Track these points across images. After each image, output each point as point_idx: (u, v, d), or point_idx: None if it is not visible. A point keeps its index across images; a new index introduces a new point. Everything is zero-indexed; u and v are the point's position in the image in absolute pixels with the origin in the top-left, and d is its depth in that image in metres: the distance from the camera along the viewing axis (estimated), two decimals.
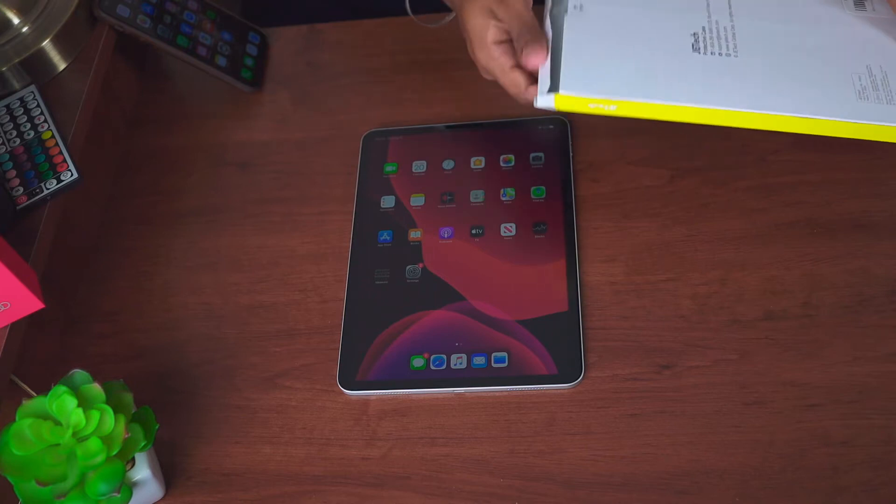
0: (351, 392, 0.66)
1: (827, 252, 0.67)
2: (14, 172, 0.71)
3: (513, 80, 0.67)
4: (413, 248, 0.72)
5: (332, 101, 0.82)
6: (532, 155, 0.75)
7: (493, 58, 0.68)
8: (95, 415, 0.59)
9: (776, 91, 0.61)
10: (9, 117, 0.74)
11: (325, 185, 0.77)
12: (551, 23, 0.66)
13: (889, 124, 0.59)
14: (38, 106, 0.74)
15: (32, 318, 0.63)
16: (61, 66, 0.77)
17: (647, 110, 0.61)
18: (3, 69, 0.74)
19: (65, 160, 0.71)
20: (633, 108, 0.61)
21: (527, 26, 0.66)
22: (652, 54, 0.63)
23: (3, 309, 0.59)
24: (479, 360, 0.66)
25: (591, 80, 0.62)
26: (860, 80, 0.61)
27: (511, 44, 0.67)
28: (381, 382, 0.66)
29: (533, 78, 0.66)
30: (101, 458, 0.58)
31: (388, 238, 0.73)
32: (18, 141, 0.73)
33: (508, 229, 0.72)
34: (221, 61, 0.83)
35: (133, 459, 0.62)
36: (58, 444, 0.59)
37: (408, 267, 0.71)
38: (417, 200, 0.74)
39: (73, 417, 0.58)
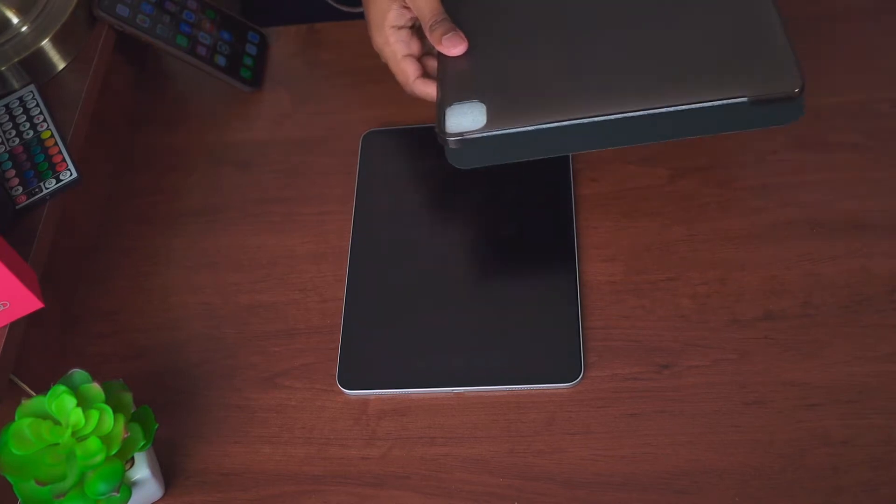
0: (350, 391, 0.66)
1: (827, 252, 0.67)
2: (13, 172, 0.71)
3: (402, 69, 0.68)
4: (412, 248, 0.72)
5: (332, 100, 0.82)
6: None
7: (388, 42, 0.69)
8: (95, 414, 0.59)
9: None
10: (8, 117, 0.74)
11: (325, 185, 0.77)
12: None
13: None
14: (38, 105, 0.74)
15: (32, 318, 0.63)
16: (61, 65, 0.77)
17: None
18: (3, 69, 0.74)
19: (64, 160, 0.71)
20: None
21: (440, 16, 0.65)
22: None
23: (2, 308, 0.59)
24: (478, 360, 0.66)
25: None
26: None
27: (409, 31, 0.68)
28: (381, 382, 0.66)
29: (422, 70, 0.68)
30: (100, 457, 0.58)
31: (387, 238, 0.73)
32: (18, 140, 0.73)
33: (508, 229, 0.72)
34: (221, 61, 0.83)
35: (132, 459, 0.62)
36: (57, 444, 0.58)
37: (407, 266, 0.71)
38: (417, 200, 0.74)
39: (72, 417, 0.58)
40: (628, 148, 0.74)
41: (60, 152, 0.72)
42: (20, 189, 0.70)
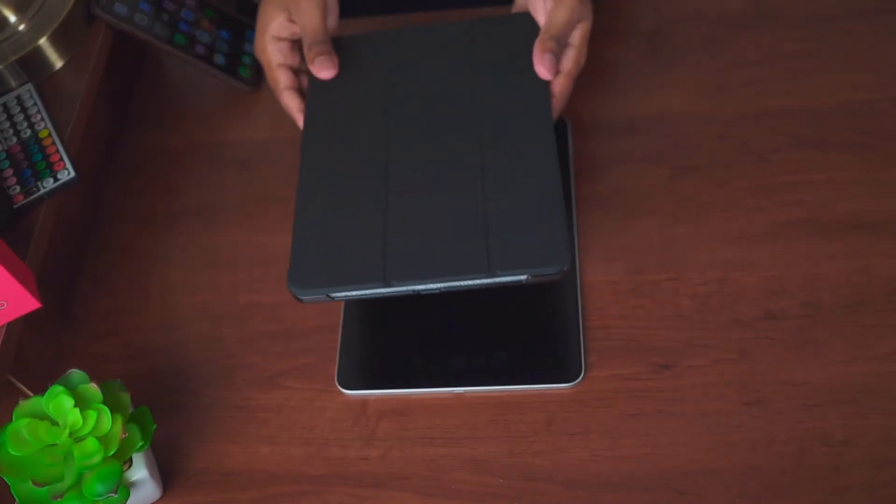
0: (350, 392, 0.66)
1: (827, 252, 0.67)
2: (11, 171, 0.71)
3: (274, 77, 0.73)
4: None
5: None
6: None
7: (264, 50, 0.73)
8: (92, 415, 0.58)
9: None
10: (5, 115, 0.74)
11: None
12: None
13: None
14: (35, 104, 0.74)
15: (29, 318, 0.63)
16: (58, 64, 0.77)
17: None
18: (0, 67, 0.74)
19: (62, 159, 0.71)
20: None
21: (320, 38, 0.70)
22: None
23: None
24: (478, 360, 0.66)
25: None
26: None
27: (290, 44, 0.73)
28: (380, 382, 0.66)
29: (295, 82, 0.72)
30: (98, 458, 0.58)
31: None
32: (15, 139, 0.72)
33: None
34: (219, 59, 0.83)
35: (130, 460, 0.61)
36: (55, 445, 0.58)
37: None
38: None
39: (69, 417, 0.58)
40: (629, 147, 0.74)
41: (58, 151, 0.71)
42: (18, 188, 0.70)
